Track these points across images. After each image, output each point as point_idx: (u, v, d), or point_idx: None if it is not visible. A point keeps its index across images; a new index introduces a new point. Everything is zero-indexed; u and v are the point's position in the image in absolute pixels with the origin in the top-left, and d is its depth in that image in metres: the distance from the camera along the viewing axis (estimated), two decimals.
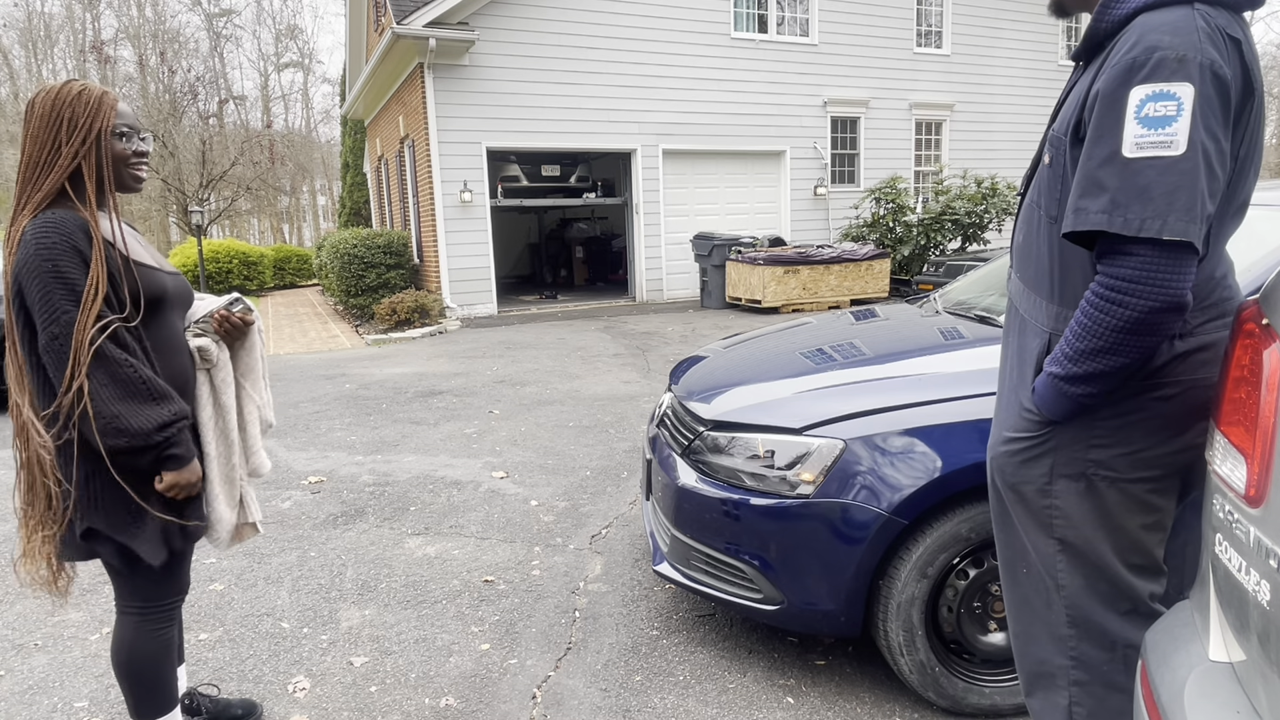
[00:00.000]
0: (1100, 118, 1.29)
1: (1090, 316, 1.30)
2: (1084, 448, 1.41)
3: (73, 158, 1.64)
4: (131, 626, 1.82)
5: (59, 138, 1.64)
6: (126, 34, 29.76)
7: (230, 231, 30.85)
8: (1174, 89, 1.21)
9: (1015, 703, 2.15)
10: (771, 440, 2.24)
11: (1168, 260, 1.23)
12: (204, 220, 13.84)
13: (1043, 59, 15.31)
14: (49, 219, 1.60)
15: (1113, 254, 1.28)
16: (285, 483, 4.25)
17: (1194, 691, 1.15)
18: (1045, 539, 1.49)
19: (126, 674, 1.84)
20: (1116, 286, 1.27)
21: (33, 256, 1.57)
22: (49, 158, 1.64)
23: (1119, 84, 1.26)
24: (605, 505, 3.84)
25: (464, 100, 10.99)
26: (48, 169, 1.64)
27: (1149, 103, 1.23)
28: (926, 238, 12.44)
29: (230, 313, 1.86)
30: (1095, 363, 1.31)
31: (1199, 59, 1.21)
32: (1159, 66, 1.22)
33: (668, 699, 2.30)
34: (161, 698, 1.88)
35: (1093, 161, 1.29)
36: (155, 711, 1.87)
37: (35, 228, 1.59)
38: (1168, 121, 1.22)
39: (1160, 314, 1.25)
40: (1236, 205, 1.35)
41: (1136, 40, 1.25)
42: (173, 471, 1.68)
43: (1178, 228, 1.21)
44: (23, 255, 1.58)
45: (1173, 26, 1.23)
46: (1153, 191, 1.22)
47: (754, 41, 12.74)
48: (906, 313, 3.14)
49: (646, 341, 8.83)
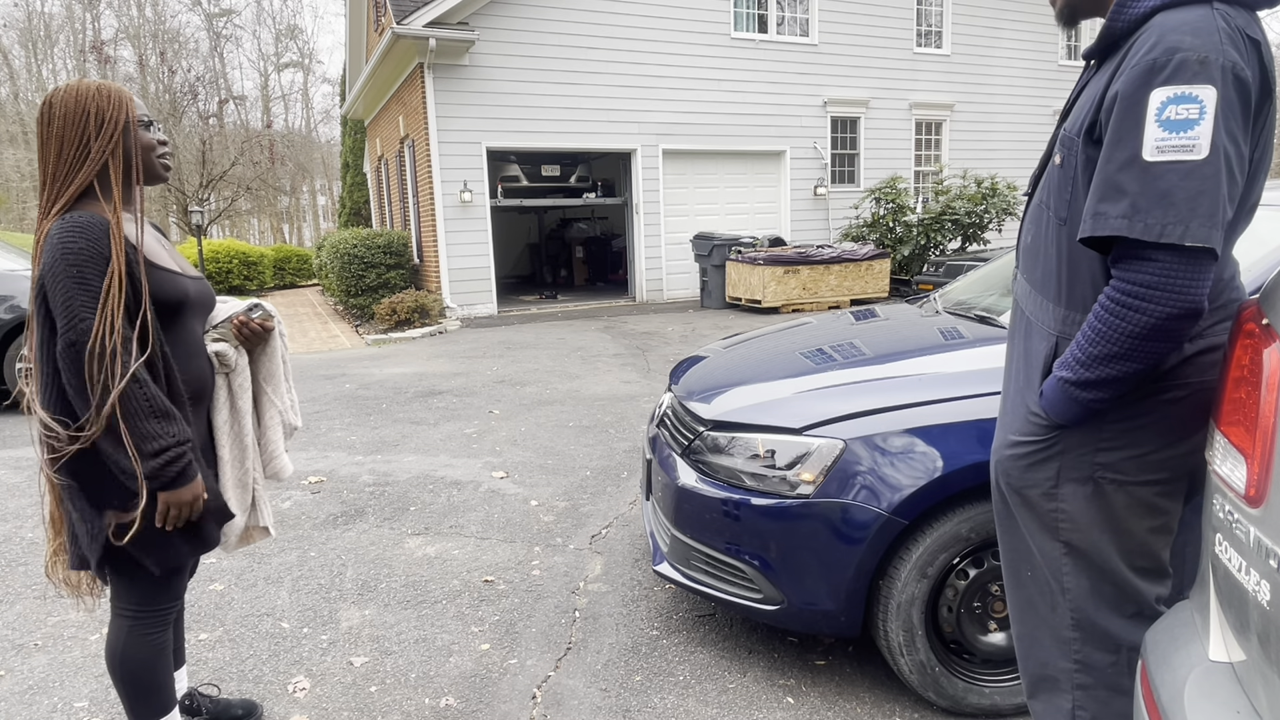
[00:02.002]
0: (1119, 120, 1.26)
1: (1105, 321, 1.28)
2: (1091, 451, 1.40)
3: (101, 153, 1.64)
4: (125, 629, 1.79)
5: (86, 134, 1.63)
6: (126, 34, 29.76)
7: (230, 231, 30.85)
8: (1196, 91, 1.19)
9: (1015, 703, 2.15)
10: (771, 440, 2.24)
11: (1188, 266, 1.21)
12: (204, 220, 13.84)
13: (1043, 59, 15.31)
14: (75, 221, 1.58)
15: (1130, 259, 1.26)
16: (285, 483, 4.25)
17: (1194, 691, 1.15)
18: (1051, 542, 1.48)
19: (120, 677, 1.81)
20: (1135, 292, 1.24)
21: (58, 260, 1.55)
22: (77, 155, 1.63)
23: (1139, 86, 1.23)
24: (605, 505, 3.84)
25: (464, 100, 10.99)
26: (76, 166, 1.63)
27: (1170, 105, 1.20)
28: (926, 238, 12.44)
29: (249, 318, 1.86)
30: (1108, 368, 1.30)
31: (1221, 61, 1.18)
32: (1181, 68, 1.20)
33: (668, 699, 2.30)
34: (157, 702, 1.84)
35: (1112, 165, 1.26)
36: (150, 715, 1.84)
37: (61, 230, 1.57)
38: (1190, 125, 1.19)
39: (1178, 320, 1.23)
40: (1247, 207, 1.34)
41: (1157, 41, 1.22)
42: (168, 491, 1.63)
43: (1200, 234, 1.19)
44: (48, 259, 1.57)
45: (1194, 27, 1.20)
46: (1175, 196, 1.20)
47: (754, 41, 12.74)
48: (906, 313, 3.14)
49: (646, 341, 8.83)
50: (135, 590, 1.77)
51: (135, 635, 1.79)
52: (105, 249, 1.58)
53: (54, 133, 1.64)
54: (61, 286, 1.55)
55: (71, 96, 1.64)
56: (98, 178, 1.65)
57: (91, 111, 1.64)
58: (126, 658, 1.79)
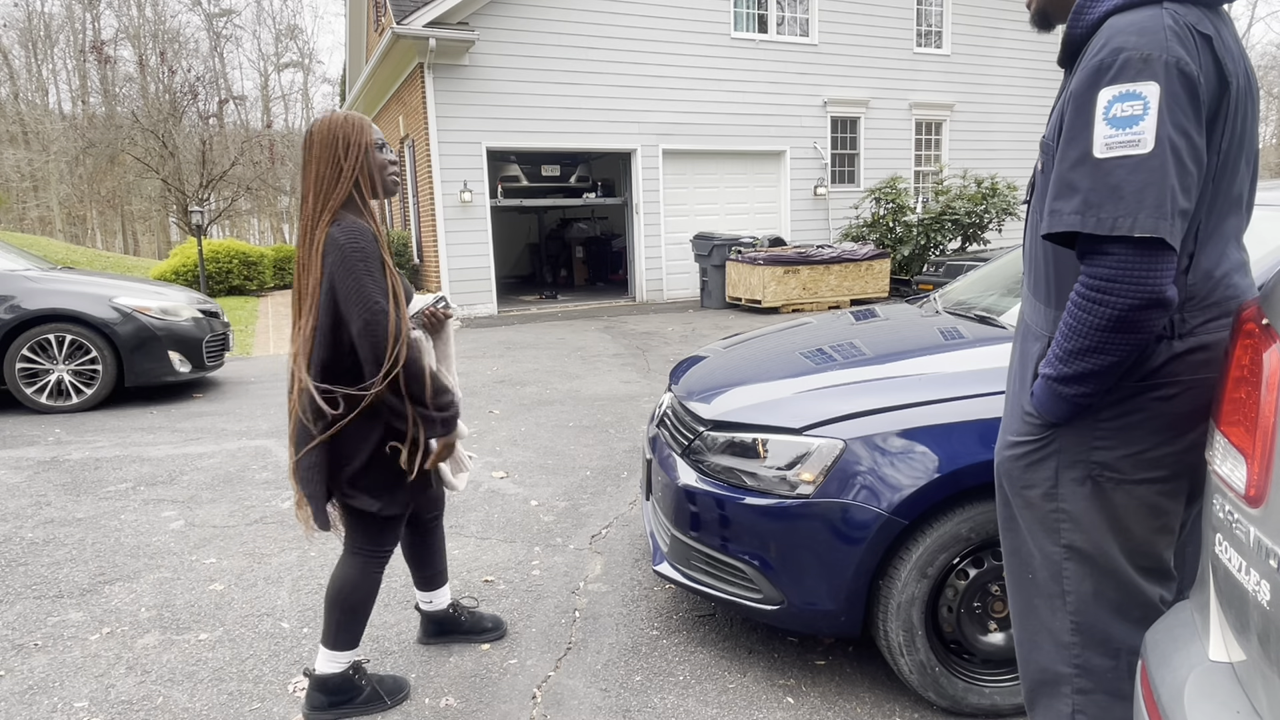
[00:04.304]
0: (1071, 120, 1.30)
1: (1075, 317, 1.32)
2: (1087, 449, 1.41)
3: (351, 171, 1.99)
4: (358, 566, 2.16)
5: (337, 156, 1.98)
6: (126, 34, 29.76)
7: (230, 231, 30.86)
8: (1139, 88, 1.23)
9: (1015, 703, 2.15)
10: (771, 440, 2.24)
11: (1142, 257, 1.24)
12: (204, 220, 13.82)
13: (1043, 59, 15.31)
14: (353, 226, 1.95)
15: (1091, 254, 1.29)
16: (285, 483, 4.25)
17: (1194, 691, 1.15)
18: (1052, 545, 1.48)
19: (342, 606, 2.15)
20: (1096, 286, 1.28)
21: (348, 258, 1.91)
22: (332, 174, 1.98)
23: (1087, 86, 1.28)
24: (605, 505, 3.84)
25: (464, 100, 11.00)
26: (333, 184, 1.98)
27: (1116, 103, 1.24)
28: (926, 238, 12.44)
29: (436, 309, 2.18)
30: (1084, 362, 1.32)
31: (1164, 57, 1.22)
32: (1125, 67, 1.24)
33: (668, 699, 2.30)
34: (357, 632, 2.20)
35: (1065, 163, 1.31)
36: (348, 644, 2.19)
37: (343, 233, 1.93)
38: (1135, 120, 1.23)
39: (1141, 311, 1.26)
40: (1231, 200, 1.35)
41: (1105, 42, 1.27)
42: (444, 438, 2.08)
43: (1148, 224, 1.22)
44: (337, 258, 1.91)
45: (1139, 27, 1.25)
46: (1123, 190, 1.23)
47: (754, 41, 12.74)
48: (906, 313, 3.14)
49: (646, 341, 8.83)
50: (373, 534, 2.15)
51: (367, 571, 2.17)
52: (378, 249, 1.96)
53: (314, 156, 1.99)
54: (354, 279, 1.90)
55: (325, 125, 2.00)
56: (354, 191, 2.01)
57: (339, 137, 1.98)
58: (355, 588, 2.15)
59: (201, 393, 6.65)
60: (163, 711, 2.27)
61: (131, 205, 28.32)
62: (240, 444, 5.03)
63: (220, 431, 5.35)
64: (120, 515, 3.80)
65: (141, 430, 5.42)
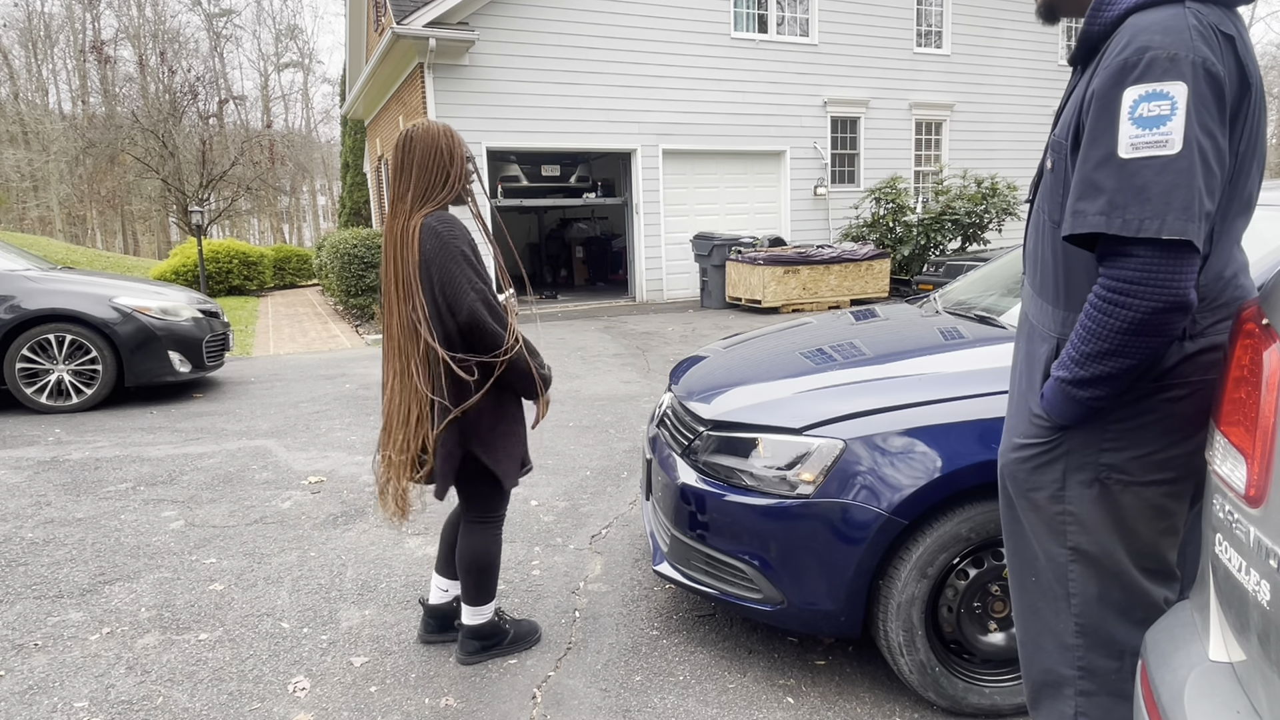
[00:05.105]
0: (1095, 120, 1.28)
1: (1094, 319, 1.30)
2: (1095, 451, 1.40)
3: (457, 177, 2.24)
4: (483, 533, 2.40)
5: (443, 162, 2.21)
6: (126, 34, 29.78)
7: (230, 231, 30.86)
8: (1167, 88, 1.21)
9: (1015, 703, 2.15)
10: (771, 440, 2.24)
11: (1168, 260, 1.22)
12: (204, 220, 13.82)
13: (1043, 59, 15.31)
14: (446, 216, 2.19)
15: (1113, 256, 1.27)
16: (285, 483, 4.25)
17: (1194, 691, 1.15)
18: (1058, 547, 1.47)
19: (478, 570, 2.40)
20: (1119, 288, 1.26)
21: (448, 244, 2.14)
22: (440, 179, 2.21)
23: (1112, 85, 1.26)
24: (605, 505, 3.84)
25: (464, 100, 10.99)
26: (439, 187, 2.22)
27: (1143, 103, 1.22)
28: (926, 238, 12.44)
29: (509, 300, 2.36)
30: (1101, 365, 1.30)
31: (1191, 57, 1.21)
32: (1151, 66, 1.22)
33: (668, 699, 2.30)
34: (492, 587, 2.47)
35: (1089, 164, 1.28)
36: (489, 598, 2.46)
37: (439, 221, 2.17)
38: (1162, 121, 1.21)
39: (1164, 314, 1.24)
40: (1242, 202, 1.34)
41: (1128, 41, 1.25)
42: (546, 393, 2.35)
43: (1176, 226, 1.20)
44: (436, 244, 2.14)
45: (1164, 26, 1.23)
46: (1150, 191, 1.21)
47: (754, 41, 12.74)
48: (906, 313, 3.14)
49: (646, 341, 8.83)
50: (491, 503, 2.39)
51: (491, 536, 2.41)
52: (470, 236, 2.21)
53: (415, 160, 2.20)
54: (456, 263, 2.13)
55: (428, 133, 2.21)
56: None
57: (441, 146, 2.22)
58: (486, 553, 2.40)
59: (201, 393, 6.65)
60: (163, 711, 2.27)
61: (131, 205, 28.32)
62: (240, 444, 5.03)
63: (220, 431, 5.35)
64: (120, 515, 3.80)
65: (141, 430, 5.42)
